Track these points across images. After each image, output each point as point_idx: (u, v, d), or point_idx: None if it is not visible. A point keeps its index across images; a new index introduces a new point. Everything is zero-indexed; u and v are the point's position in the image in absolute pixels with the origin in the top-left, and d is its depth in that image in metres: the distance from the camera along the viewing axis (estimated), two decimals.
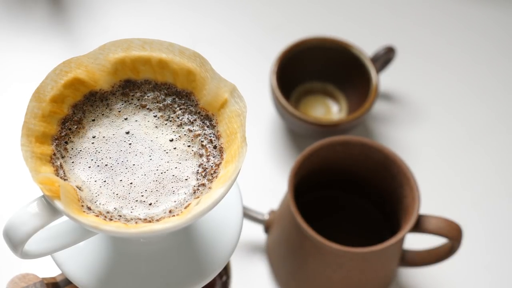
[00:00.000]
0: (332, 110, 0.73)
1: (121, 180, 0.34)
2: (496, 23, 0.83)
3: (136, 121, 0.36)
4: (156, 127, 0.36)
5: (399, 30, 0.81)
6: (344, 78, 0.73)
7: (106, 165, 0.35)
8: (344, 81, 0.73)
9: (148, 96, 0.37)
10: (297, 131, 0.70)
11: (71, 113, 0.36)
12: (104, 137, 0.36)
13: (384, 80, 0.76)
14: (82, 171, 0.35)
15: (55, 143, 0.35)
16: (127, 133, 0.36)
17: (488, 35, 0.82)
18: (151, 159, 0.35)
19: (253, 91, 0.74)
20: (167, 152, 0.35)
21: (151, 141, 0.36)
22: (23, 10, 0.80)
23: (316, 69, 0.73)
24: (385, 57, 0.70)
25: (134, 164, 0.35)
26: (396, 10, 0.83)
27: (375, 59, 0.70)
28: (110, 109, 0.37)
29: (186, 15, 0.81)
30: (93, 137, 0.36)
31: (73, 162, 0.35)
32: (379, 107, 0.75)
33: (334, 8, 0.83)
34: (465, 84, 0.78)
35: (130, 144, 0.36)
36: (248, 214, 0.62)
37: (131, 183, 0.34)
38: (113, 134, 0.36)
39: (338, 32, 0.78)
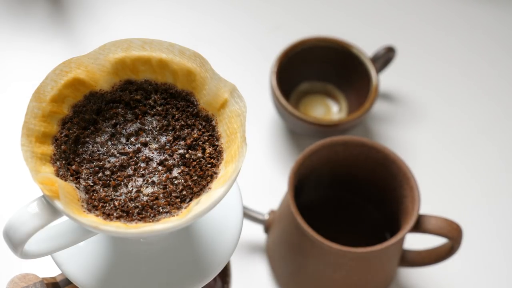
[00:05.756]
0: (332, 110, 0.73)
1: (121, 182, 0.34)
2: (496, 22, 0.83)
3: (137, 123, 0.36)
4: (156, 129, 0.36)
5: (399, 30, 0.81)
6: (344, 78, 0.73)
7: (106, 167, 0.35)
8: (344, 81, 0.73)
9: (148, 98, 0.37)
10: (297, 131, 0.70)
11: (71, 114, 0.36)
12: (104, 139, 0.36)
13: (384, 80, 0.76)
14: (82, 172, 0.35)
15: (55, 143, 0.35)
16: (128, 135, 0.36)
17: (489, 35, 0.82)
18: (151, 161, 0.35)
19: (253, 91, 0.74)
20: (167, 154, 0.35)
21: (151, 143, 0.36)
22: (23, 10, 0.80)
23: (316, 69, 0.73)
24: (385, 57, 0.70)
25: (134, 166, 0.35)
26: (396, 10, 0.83)
27: (375, 59, 0.70)
28: (111, 111, 0.37)
29: (186, 15, 0.81)
30: (94, 140, 0.36)
31: (73, 163, 0.35)
32: (379, 107, 0.75)
33: (334, 8, 0.83)
34: (465, 84, 0.78)
35: (130, 146, 0.36)
36: (248, 214, 0.62)
37: (131, 185, 0.34)
38: (113, 137, 0.36)
39: (338, 32, 0.78)
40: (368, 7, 0.83)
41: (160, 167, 0.35)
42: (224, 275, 0.52)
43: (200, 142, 0.36)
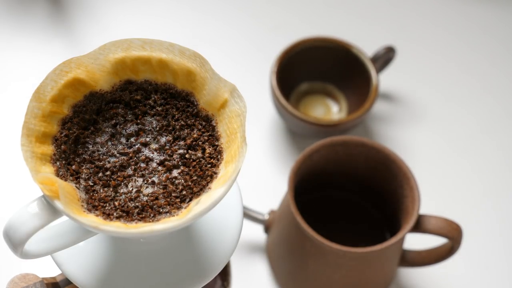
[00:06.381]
0: (332, 110, 0.73)
1: (121, 182, 0.34)
2: (497, 21, 0.83)
3: (137, 123, 0.36)
4: (156, 129, 0.36)
5: (399, 30, 0.81)
6: (344, 78, 0.73)
7: (106, 167, 0.35)
8: (344, 81, 0.73)
9: (148, 98, 0.37)
10: (297, 131, 0.70)
11: (71, 114, 0.36)
12: (104, 139, 0.36)
13: (384, 80, 0.76)
14: (82, 172, 0.35)
15: (55, 143, 0.35)
16: (128, 136, 0.36)
17: (489, 34, 0.82)
18: (151, 161, 0.35)
19: (253, 91, 0.74)
20: (167, 155, 0.35)
21: (151, 143, 0.36)
22: (23, 10, 0.80)
23: (316, 69, 0.73)
24: (385, 57, 0.70)
25: (134, 167, 0.35)
26: (396, 10, 0.83)
27: (375, 59, 0.70)
28: (111, 111, 0.37)
29: (186, 15, 0.81)
30: (94, 140, 0.36)
31: (73, 163, 0.35)
32: (379, 107, 0.75)
33: (334, 8, 0.83)
34: (465, 83, 0.78)
35: (130, 147, 0.36)
36: (248, 214, 0.62)
37: (131, 185, 0.34)
38: (113, 137, 0.36)
39: (338, 32, 0.78)
40: (368, 7, 0.83)
41: (160, 167, 0.35)
42: (224, 275, 0.52)
43: (200, 142, 0.36)
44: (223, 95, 0.35)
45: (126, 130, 0.36)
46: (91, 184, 0.34)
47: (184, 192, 0.34)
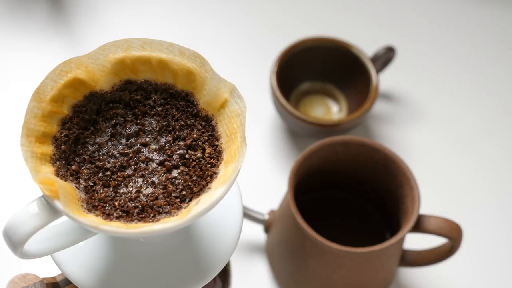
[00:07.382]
0: (332, 110, 0.73)
1: (121, 182, 0.34)
2: (497, 21, 0.83)
3: (137, 123, 0.36)
4: (156, 129, 0.36)
5: (399, 30, 0.81)
6: (344, 78, 0.73)
7: (106, 167, 0.35)
8: (344, 81, 0.73)
9: (148, 99, 0.37)
10: (297, 131, 0.70)
11: (71, 114, 0.36)
12: (104, 139, 0.36)
13: (384, 80, 0.76)
14: (82, 172, 0.35)
15: (55, 143, 0.35)
16: (128, 136, 0.36)
17: (489, 34, 0.82)
18: (151, 162, 0.35)
19: (253, 91, 0.74)
20: (167, 155, 0.35)
21: (151, 144, 0.36)
22: (23, 10, 0.80)
23: (316, 69, 0.73)
24: (385, 57, 0.70)
25: (134, 167, 0.35)
26: (396, 10, 0.83)
27: (375, 59, 0.70)
28: (111, 111, 0.37)
29: (186, 15, 0.81)
30: (94, 140, 0.36)
31: (73, 163, 0.35)
32: (379, 107, 0.75)
33: (334, 8, 0.83)
34: (465, 83, 0.78)
35: (130, 147, 0.36)
36: (248, 214, 0.62)
37: (131, 185, 0.34)
38: (113, 137, 0.36)
39: (338, 32, 0.78)
40: (368, 7, 0.83)
41: (160, 168, 0.35)
42: (224, 275, 0.52)
43: (200, 142, 0.36)
44: (223, 95, 0.35)
45: (126, 130, 0.36)
46: (91, 184, 0.34)
47: (184, 192, 0.34)
